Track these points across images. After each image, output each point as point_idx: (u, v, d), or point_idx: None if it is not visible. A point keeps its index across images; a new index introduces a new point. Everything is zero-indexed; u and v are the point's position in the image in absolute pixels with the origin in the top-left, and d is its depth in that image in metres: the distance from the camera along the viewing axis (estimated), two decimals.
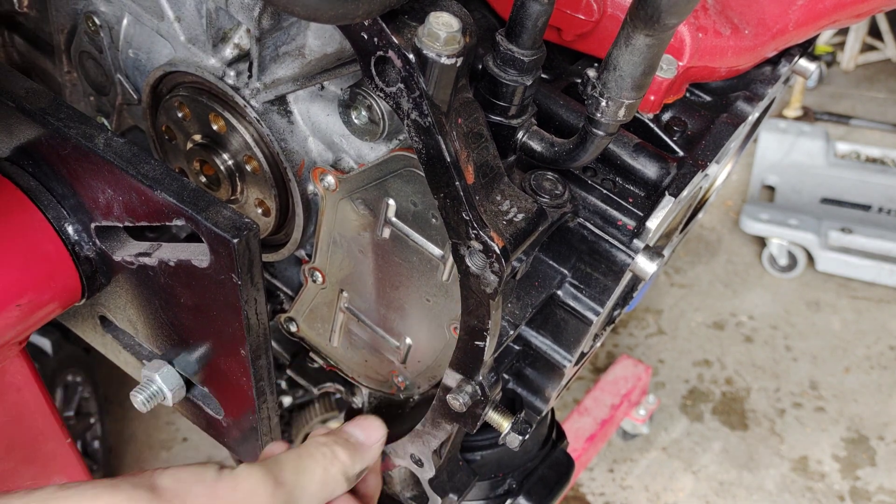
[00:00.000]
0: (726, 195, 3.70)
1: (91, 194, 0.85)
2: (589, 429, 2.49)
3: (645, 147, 0.93)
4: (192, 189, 0.78)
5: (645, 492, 2.73)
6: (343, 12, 0.69)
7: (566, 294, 0.96)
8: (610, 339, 3.12)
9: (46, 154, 0.87)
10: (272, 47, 0.92)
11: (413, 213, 0.93)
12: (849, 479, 2.77)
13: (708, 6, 0.94)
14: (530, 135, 0.87)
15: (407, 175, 0.90)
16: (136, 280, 0.90)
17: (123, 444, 2.71)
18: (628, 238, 0.92)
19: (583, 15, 0.91)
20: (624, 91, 0.75)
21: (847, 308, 3.28)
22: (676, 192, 0.90)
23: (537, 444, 1.26)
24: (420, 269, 0.96)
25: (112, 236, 0.90)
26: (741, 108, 1.01)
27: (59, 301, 0.93)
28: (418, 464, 1.10)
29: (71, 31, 1.11)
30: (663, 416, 2.91)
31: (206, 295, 0.83)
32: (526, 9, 0.77)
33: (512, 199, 0.83)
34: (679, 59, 0.91)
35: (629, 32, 0.70)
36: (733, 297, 3.31)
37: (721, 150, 0.96)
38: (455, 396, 0.95)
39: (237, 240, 0.74)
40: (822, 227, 3.29)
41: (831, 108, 4.08)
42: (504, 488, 1.23)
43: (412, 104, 0.76)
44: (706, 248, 3.50)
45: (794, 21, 0.98)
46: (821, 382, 3.04)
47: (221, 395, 0.96)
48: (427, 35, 0.73)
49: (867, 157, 3.69)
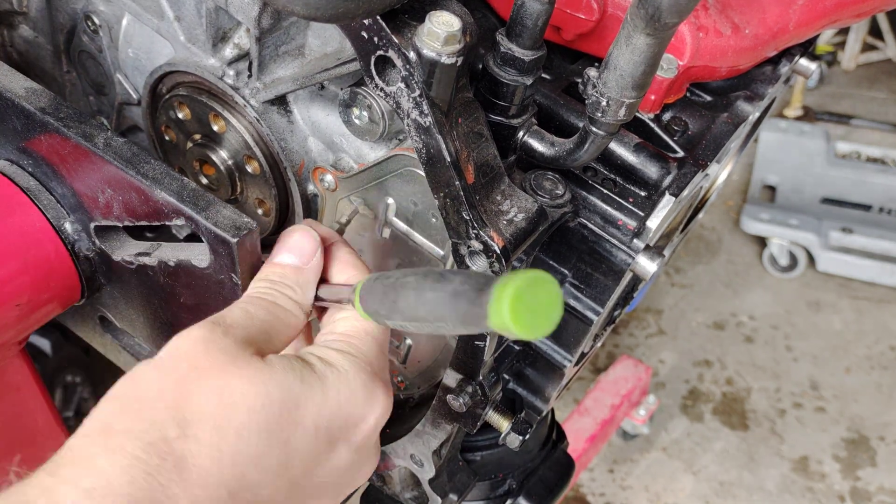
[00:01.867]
0: (727, 195, 3.70)
1: (91, 194, 0.85)
2: (589, 429, 2.49)
3: (645, 147, 0.93)
4: (192, 189, 0.77)
5: (645, 492, 2.73)
6: (343, 12, 0.69)
7: (566, 294, 0.96)
8: (610, 339, 3.12)
9: (46, 154, 0.87)
10: (272, 47, 0.92)
11: (413, 213, 0.92)
12: (849, 480, 2.77)
13: (708, 6, 0.93)
14: (531, 134, 0.86)
15: (407, 175, 0.90)
16: (135, 280, 0.90)
17: None
18: (629, 238, 0.92)
19: (583, 14, 0.91)
20: (624, 91, 0.75)
21: (848, 308, 3.28)
22: (677, 192, 0.90)
23: (537, 444, 1.26)
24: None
25: (112, 236, 0.90)
26: (742, 107, 1.01)
27: (59, 301, 0.93)
28: (418, 464, 1.10)
29: (70, 30, 1.11)
30: (663, 416, 2.90)
31: (206, 295, 0.83)
32: (526, 8, 0.77)
33: (512, 199, 0.82)
34: (680, 59, 0.91)
35: (630, 32, 0.70)
36: (734, 297, 3.31)
37: (722, 150, 0.96)
38: (455, 397, 0.95)
39: (237, 240, 0.74)
40: (822, 227, 3.29)
41: (832, 108, 4.08)
42: (504, 489, 1.23)
43: (412, 104, 0.76)
44: (706, 248, 3.50)
45: (794, 21, 0.98)
46: (821, 382, 3.04)
47: None
48: (427, 34, 0.73)
49: (868, 157, 3.69)
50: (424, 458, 1.08)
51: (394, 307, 0.66)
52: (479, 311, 0.56)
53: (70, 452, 0.63)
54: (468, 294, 0.58)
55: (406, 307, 0.64)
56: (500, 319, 0.54)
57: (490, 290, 0.55)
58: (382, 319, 0.69)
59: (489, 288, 0.55)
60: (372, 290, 0.69)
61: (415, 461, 1.10)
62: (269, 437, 0.67)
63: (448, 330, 0.63)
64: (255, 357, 0.69)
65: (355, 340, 0.76)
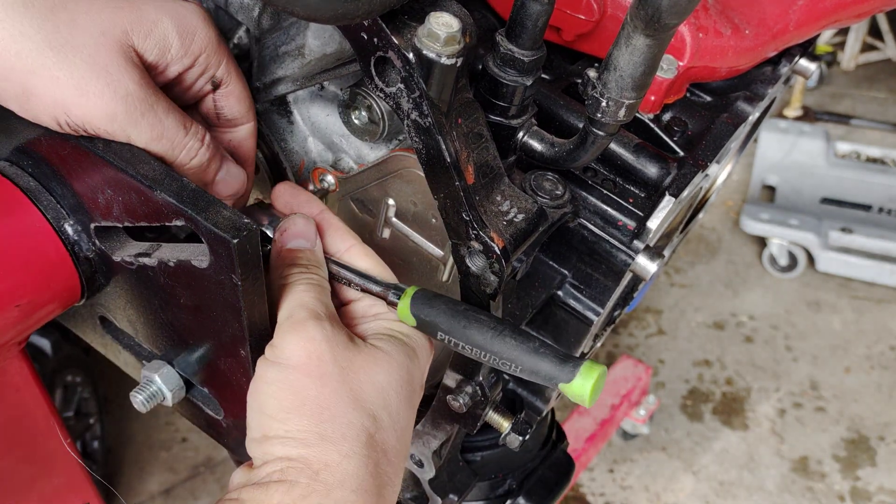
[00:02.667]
0: (727, 195, 3.70)
1: (90, 195, 0.85)
2: (589, 429, 2.49)
3: (645, 147, 0.93)
4: (192, 189, 0.77)
5: (645, 492, 2.73)
6: (343, 12, 0.69)
7: (566, 294, 0.96)
8: (610, 339, 3.12)
9: (46, 154, 0.87)
10: (272, 47, 0.92)
11: (413, 214, 0.92)
12: (849, 480, 2.77)
13: (708, 6, 0.93)
14: (530, 135, 0.86)
15: (407, 175, 0.90)
16: (135, 280, 0.90)
17: (123, 445, 2.71)
18: (629, 238, 0.92)
19: (583, 15, 0.91)
20: (624, 91, 0.75)
21: (847, 308, 3.28)
22: (677, 193, 0.90)
23: (537, 444, 1.26)
24: (420, 269, 0.96)
25: (112, 237, 0.90)
26: (741, 108, 1.01)
27: (59, 301, 0.93)
28: (418, 464, 1.10)
29: None
30: (663, 416, 2.90)
31: (206, 295, 0.83)
32: (526, 9, 0.77)
33: (512, 200, 0.82)
34: (679, 59, 0.91)
35: (629, 32, 0.70)
36: (733, 297, 3.31)
37: (721, 151, 0.96)
38: (455, 397, 0.95)
39: (237, 240, 0.74)
40: (822, 227, 3.29)
41: (831, 108, 4.08)
42: (504, 489, 1.23)
43: (412, 104, 0.76)
44: (706, 248, 3.50)
45: (794, 21, 0.98)
46: (821, 382, 3.04)
47: (221, 395, 0.96)
48: (427, 35, 0.73)
49: (867, 157, 3.69)
50: (424, 459, 1.08)
51: (462, 330, 0.77)
52: (559, 376, 0.73)
53: (327, 467, 0.72)
54: (551, 358, 0.73)
55: (478, 337, 0.76)
56: (581, 391, 0.72)
57: (578, 368, 0.72)
58: (436, 331, 0.79)
59: (575, 367, 0.72)
60: (432, 304, 0.79)
61: (415, 461, 1.10)
62: (410, 409, 0.80)
63: (509, 369, 0.75)
64: (363, 343, 0.79)
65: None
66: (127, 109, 0.76)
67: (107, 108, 0.75)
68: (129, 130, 0.77)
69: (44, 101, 0.74)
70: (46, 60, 0.72)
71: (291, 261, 0.82)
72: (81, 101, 0.74)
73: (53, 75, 0.73)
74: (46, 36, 0.72)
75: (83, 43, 0.73)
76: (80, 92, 0.74)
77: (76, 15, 0.74)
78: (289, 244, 0.84)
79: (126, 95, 0.75)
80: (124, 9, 0.76)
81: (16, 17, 0.71)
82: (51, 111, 0.75)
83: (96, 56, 0.74)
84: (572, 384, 0.72)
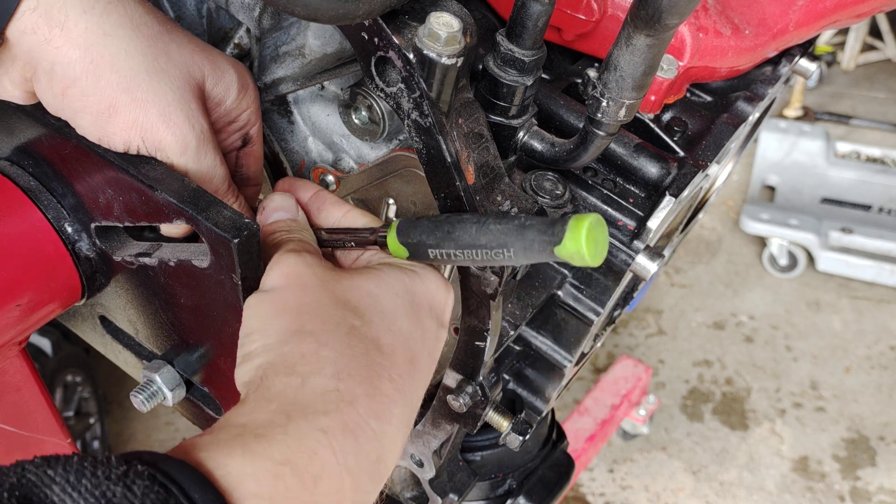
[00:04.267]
0: (727, 195, 3.70)
1: (91, 194, 0.85)
2: (589, 429, 2.49)
3: (645, 147, 0.93)
4: (193, 189, 0.77)
5: (645, 492, 2.73)
6: (343, 12, 0.69)
7: (566, 294, 0.96)
8: (610, 339, 3.12)
9: (46, 154, 0.87)
10: (272, 47, 0.92)
11: (413, 214, 0.93)
12: (849, 480, 2.77)
13: (708, 6, 0.93)
14: (531, 135, 0.86)
15: (407, 175, 0.90)
16: (136, 280, 0.90)
17: (123, 445, 2.71)
18: (629, 238, 0.92)
19: (583, 15, 0.91)
20: (624, 91, 0.75)
21: (847, 308, 3.28)
22: (677, 193, 0.90)
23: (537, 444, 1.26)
24: None
25: (112, 236, 0.90)
26: (742, 108, 1.01)
27: (59, 301, 0.93)
28: (418, 464, 1.10)
29: None
30: (663, 416, 2.91)
31: (206, 295, 0.83)
32: (526, 9, 0.77)
33: (512, 200, 0.83)
34: (680, 60, 0.91)
35: (630, 33, 0.70)
36: (733, 297, 3.31)
37: (721, 151, 0.96)
38: (455, 397, 0.95)
39: (237, 240, 0.74)
40: (822, 227, 3.30)
41: (831, 108, 4.08)
42: (504, 488, 1.23)
43: (413, 104, 0.76)
44: (706, 248, 3.51)
45: (794, 21, 0.98)
46: (821, 382, 3.04)
47: (221, 395, 0.96)
48: (427, 35, 0.73)
49: (867, 157, 3.69)
50: (424, 458, 1.08)
51: (447, 236, 0.74)
52: (549, 240, 0.67)
53: (303, 357, 0.69)
54: (537, 227, 0.68)
55: (464, 236, 0.73)
56: (575, 245, 0.65)
57: (566, 223, 0.66)
58: (426, 249, 0.76)
59: (563, 223, 0.66)
60: (416, 225, 0.77)
61: (415, 461, 1.10)
62: (413, 319, 0.77)
63: (504, 258, 0.71)
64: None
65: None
66: (198, 145, 0.79)
67: (184, 139, 0.78)
68: (191, 166, 0.80)
69: (125, 120, 0.76)
70: (141, 83, 0.76)
71: (273, 231, 0.83)
72: (162, 127, 0.77)
73: (143, 98, 0.76)
74: (146, 60, 0.76)
75: (174, 75, 0.77)
76: (163, 119, 0.77)
77: (170, 47, 0.78)
78: (270, 219, 0.84)
79: (201, 132, 0.79)
80: (204, 52, 0.81)
81: (124, 36, 0.75)
82: (128, 132, 0.77)
83: (182, 89, 0.78)
84: (564, 244, 0.65)
